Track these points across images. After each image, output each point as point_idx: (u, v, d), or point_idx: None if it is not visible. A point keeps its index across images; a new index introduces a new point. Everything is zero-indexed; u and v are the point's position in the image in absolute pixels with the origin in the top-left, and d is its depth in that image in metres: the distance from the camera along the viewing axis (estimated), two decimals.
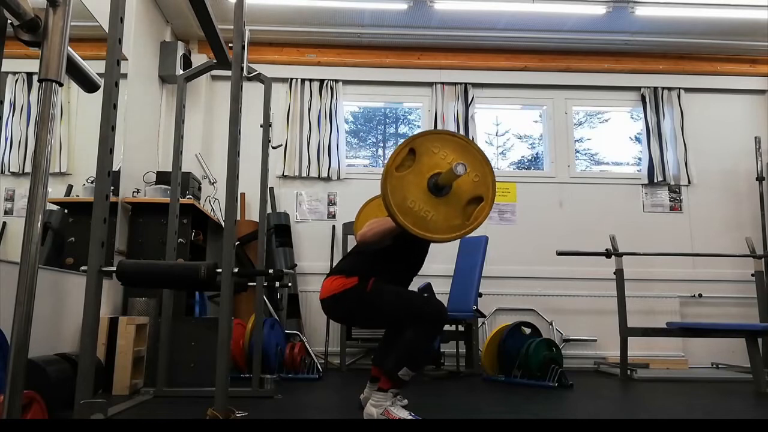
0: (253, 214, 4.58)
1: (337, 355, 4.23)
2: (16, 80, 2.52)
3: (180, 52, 4.32)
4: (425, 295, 3.65)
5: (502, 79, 4.91)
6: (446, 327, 4.11)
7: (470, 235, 2.14)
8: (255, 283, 2.98)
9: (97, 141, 1.61)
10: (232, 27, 2.21)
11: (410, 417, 2.15)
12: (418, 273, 2.54)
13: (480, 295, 3.90)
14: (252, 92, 4.31)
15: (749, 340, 3.42)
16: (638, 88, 4.95)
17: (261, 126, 3.14)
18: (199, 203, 4.08)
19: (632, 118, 5.15)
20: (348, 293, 2.31)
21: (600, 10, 4.27)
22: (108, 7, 1.68)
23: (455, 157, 2.09)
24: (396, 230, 2.17)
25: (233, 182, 2.02)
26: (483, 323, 4.38)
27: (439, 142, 2.10)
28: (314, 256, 4.58)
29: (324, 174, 4.64)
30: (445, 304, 4.07)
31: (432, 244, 2.47)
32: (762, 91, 5.03)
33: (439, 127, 4.74)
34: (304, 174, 4.64)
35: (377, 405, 2.18)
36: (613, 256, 3.96)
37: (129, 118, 3.71)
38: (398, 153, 2.06)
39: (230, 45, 2.25)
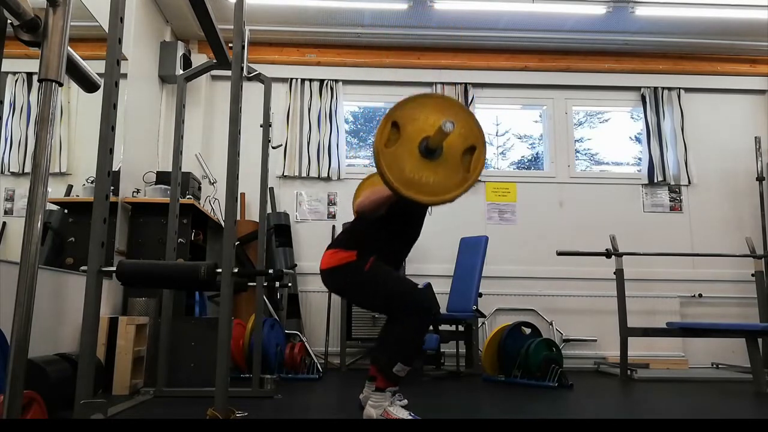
0: (253, 214, 4.58)
1: (337, 355, 4.23)
2: (16, 80, 2.52)
3: (180, 52, 4.32)
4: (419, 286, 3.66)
5: (502, 79, 4.91)
6: (446, 327, 4.12)
7: (470, 235, 2.13)
8: (255, 283, 2.98)
9: (97, 141, 1.61)
10: (232, 27, 2.21)
11: (410, 417, 2.14)
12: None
13: (480, 295, 3.90)
14: (252, 92, 4.31)
15: (749, 340, 3.42)
16: (638, 88, 4.95)
17: (261, 126, 3.14)
18: (199, 203, 4.08)
19: (632, 118, 5.15)
20: (346, 268, 2.33)
21: (600, 10, 4.27)
22: (108, 7, 1.68)
23: (437, 116, 2.04)
24: (392, 198, 2.16)
25: (233, 182, 2.03)
26: (483, 323, 4.38)
27: (417, 108, 2.07)
28: (314, 256, 4.55)
29: (324, 174, 4.64)
30: (445, 304, 4.11)
31: (427, 214, 2.52)
32: (762, 91, 5.03)
33: None
34: (304, 174, 4.63)
35: (376, 406, 2.18)
36: (613, 256, 3.96)
37: (129, 118, 3.70)
38: (382, 130, 2.01)
39: (230, 45, 2.25)
